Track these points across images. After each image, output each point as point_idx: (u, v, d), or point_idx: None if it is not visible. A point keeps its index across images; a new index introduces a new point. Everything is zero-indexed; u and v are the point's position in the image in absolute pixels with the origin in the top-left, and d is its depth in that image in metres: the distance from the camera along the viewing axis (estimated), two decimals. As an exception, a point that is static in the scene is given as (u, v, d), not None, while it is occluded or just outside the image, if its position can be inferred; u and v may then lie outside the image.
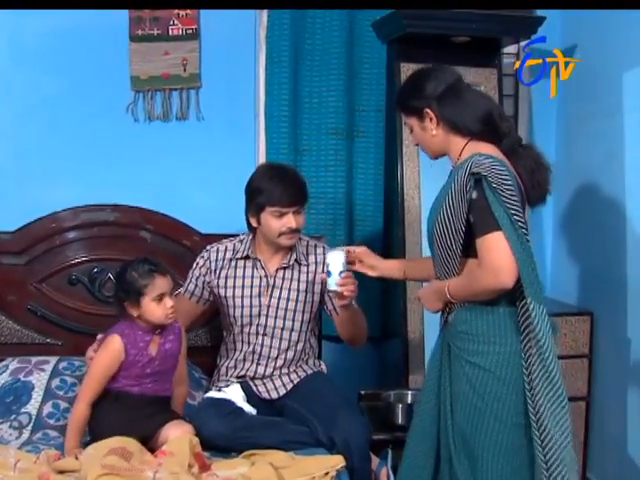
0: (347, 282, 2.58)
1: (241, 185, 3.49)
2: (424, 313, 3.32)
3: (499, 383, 2.27)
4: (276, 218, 2.78)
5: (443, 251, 2.33)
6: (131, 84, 3.51)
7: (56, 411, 2.81)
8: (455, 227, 2.26)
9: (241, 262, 2.93)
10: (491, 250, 2.18)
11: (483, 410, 2.28)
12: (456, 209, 2.25)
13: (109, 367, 2.58)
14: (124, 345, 2.57)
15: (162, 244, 3.25)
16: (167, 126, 3.54)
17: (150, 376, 2.60)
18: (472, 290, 2.27)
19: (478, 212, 2.21)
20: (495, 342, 2.28)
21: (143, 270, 2.59)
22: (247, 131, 3.60)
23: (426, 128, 2.38)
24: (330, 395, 2.78)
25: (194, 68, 3.54)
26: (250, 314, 2.89)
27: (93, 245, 3.22)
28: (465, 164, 2.26)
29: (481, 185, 2.20)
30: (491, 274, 2.18)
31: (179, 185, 3.52)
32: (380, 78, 3.58)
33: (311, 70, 3.57)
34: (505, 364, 2.27)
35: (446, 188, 2.33)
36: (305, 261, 2.92)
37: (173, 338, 2.67)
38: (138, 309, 2.58)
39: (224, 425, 2.60)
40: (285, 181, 2.81)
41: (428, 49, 3.32)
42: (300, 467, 2.46)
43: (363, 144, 3.60)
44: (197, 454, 2.46)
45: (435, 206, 2.37)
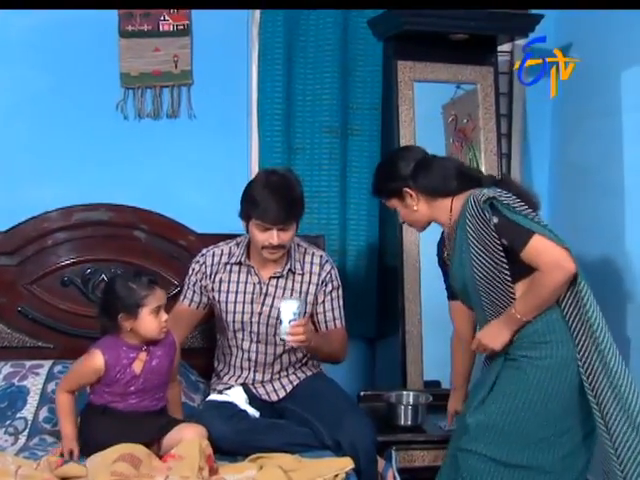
0: (294, 332, 2.57)
1: (233, 184, 3.46)
2: (422, 312, 3.32)
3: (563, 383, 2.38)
4: (260, 231, 2.74)
5: (493, 290, 2.40)
6: (121, 81, 3.45)
7: (53, 416, 2.75)
8: (495, 260, 2.36)
9: (235, 267, 2.89)
10: (540, 251, 2.31)
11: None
12: (487, 245, 2.35)
13: (84, 378, 2.56)
14: (105, 362, 2.51)
15: (157, 244, 3.20)
16: (158, 124, 3.48)
17: (134, 394, 2.55)
18: (544, 296, 2.34)
19: (507, 231, 2.33)
20: (560, 346, 2.37)
21: (142, 282, 2.54)
22: (239, 129, 3.55)
23: (408, 205, 2.54)
24: (332, 397, 2.76)
25: (185, 65, 3.49)
26: (242, 320, 2.85)
27: (86, 245, 3.15)
28: (467, 207, 2.36)
29: (495, 208, 2.33)
30: (554, 269, 2.30)
31: (170, 184, 3.46)
32: (374, 76, 3.56)
33: (305, 68, 3.53)
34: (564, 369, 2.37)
35: (461, 244, 2.41)
36: (300, 270, 2.88)
37: (162, 354, 2.60)
38: (134, 321, 2.52)
39: (228, 428, 2.57)
40: (276, 197, 2.72)
41: (425, 47, 3.34)
42: (309, 470, 2.43)
43: (357, 142, 3.58)
44: (208, 457, 2.43)
45: (461, 264, 2.44)
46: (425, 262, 3.33)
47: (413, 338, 3.29)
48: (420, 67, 3.38)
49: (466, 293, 2.49)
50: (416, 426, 2.98)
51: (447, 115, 3.64)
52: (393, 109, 3.36)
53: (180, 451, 2.41)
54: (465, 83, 3.46)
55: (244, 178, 3.49)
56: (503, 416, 2.38)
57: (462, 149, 3.66)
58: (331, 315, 2.90)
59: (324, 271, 2.89)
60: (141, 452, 2.40)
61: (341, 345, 2.92)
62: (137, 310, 2.50)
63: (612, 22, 3.16)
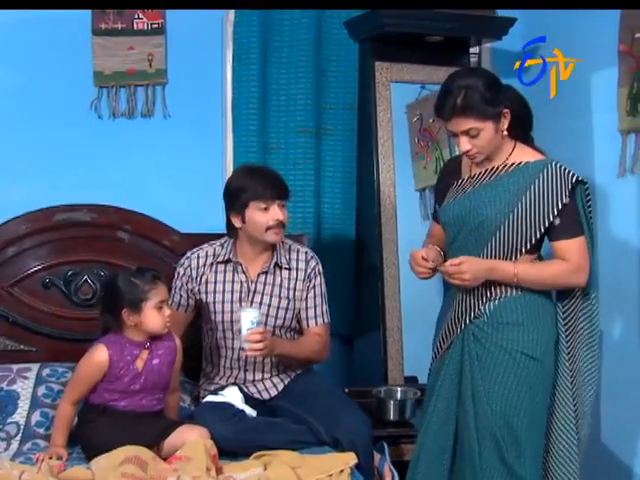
0: (251, 339, 2.62)
1: (208, 184, 3.53)
2: (402, 308, 3.41)
3: (544, 371, 2.49)
4: (262, 212, 2.80)
5: (505, 244, 2.47)
6: (94, 79, 3.43)
7: (45, 420, 2.74)
8: (535, 226, 2.45)
9: (221, 266, 2.92)
10: (580, 252, 2.45)
11: (530, 398, 2.46)
12: (541, 210, 2.43)
13: (91, 375, 2.56)
14: (109, 356, 2.54)
15: (141, 244, 3.20)
16: (132, 123, 3.48)
17: (136, 392, 2.58)
18: (549, 280, 2.48)
19: (567, 215, 2.43)
20: (540, 330, 2.48)
21: (145, 277, 2.57)
22: (214, 129, 3.57)
23: (499, 130, 2.47)
24: (327, 394, 2.81)
25: (160, 64, 3.48)
26: (231, 319, 2.88)
27: (68, 247, 3.13)
28: (552, 169, 2.44)
29: (574, 191, 2.43)
30: (577, 273, 2.46)
31: (144, 184, 3.45)
32: (348, 76, 3.63)
33: (279, 68, 3.57)
34: (547, 351, 2.49)
35: (511, 187, 2.46)
36: (287, 264, 2.93)
37: (163, 353, 2.63)
38: (137, 317, 2.55)
39: (229, 428, 2.59)
40: (267, 177, 2.87)
41: (401, 48, 3.42)
42: (313, 466, 2.48)
43: (331, 142, 3.64)
44: (213, 457, 2.46)
45: (495, 200, 2.48)
46: (404, 259, 3.41)
47: (393, 335, 3.37)
48: (397, 68, 3.47)
49: (479, 225, 2.50)
50: (405, 421, 3.06)
51: (412, 115, 3.72)
52: (371, 109, 3.43)
53: (186, 452, 2.43)
54: (438, 84, 3.52)
55: (219, 178, 3.55)
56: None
57: (428, 148, 3.75)
58: (313, 312, 2.95)
59: (309, 267, 2.95)
60: (146, 454, 2.42)
61: (318, 346, 2.94)
62: (141, 305, 2.53)
63: (580, 23, 3.28)
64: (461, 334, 2.55)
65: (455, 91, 2.45)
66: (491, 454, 2.47)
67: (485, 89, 2.43)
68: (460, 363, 2.55)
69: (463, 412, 2.53)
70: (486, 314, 2.50)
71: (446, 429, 2.57)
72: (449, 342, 2.59)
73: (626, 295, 3.09)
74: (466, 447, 2.52)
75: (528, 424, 2.46)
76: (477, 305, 2.51)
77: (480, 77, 2.49)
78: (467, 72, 2.61)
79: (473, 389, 2.50)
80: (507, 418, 2.45)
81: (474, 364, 2.50)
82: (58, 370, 2.91)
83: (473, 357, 2.51)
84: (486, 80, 2.47)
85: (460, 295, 2.57)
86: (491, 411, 2.46)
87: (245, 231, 2.86)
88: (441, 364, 2.62)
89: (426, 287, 3.60)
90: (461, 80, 2.48)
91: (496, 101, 2.44)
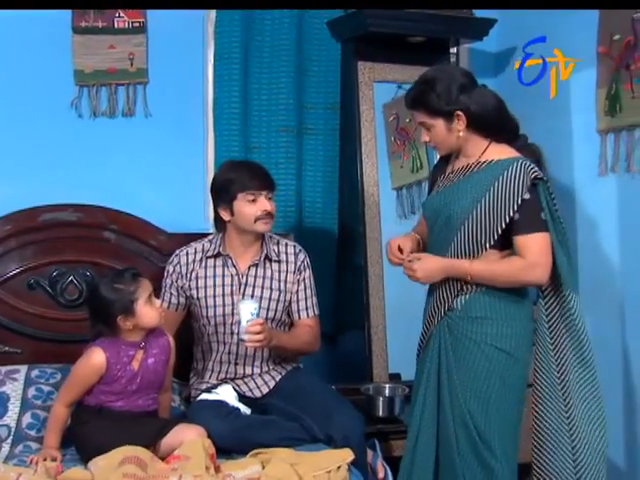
0: (252, 330, 2.65)
1: (190, 183, 3.56)
2: (386, 306, 3.46)
3: (516, 364, 2.55)
4: (250, 203, 2.85)
5: (469, 239, 2.52)
6: (75, 78, 3.42)
7: (36, 422, 2.74)
8: (496, 222, 2.48)
9: (211, 261, 2.96)
10: (537, 248, 2.47)
11: (499, 390, 2.52)
12: (502, 206, 2.47)
13: (87, 378, 2.57)
14: (106, 358, 2.55)
15: (127, 244, 3.20)
16: (113, 122, 3.47)
17: (133, 393, 2.60)
18: (502, 278, 2.52)
19: (527, 212, 2.46)
20: (511, 325, 2.54)
21: (126, 278, 2.59)
22: (196, 128, 3.59)
23: (452, 129, 2.54)
24: (319, 391, 2.86)
25: (141, 63, 3.49)
26: (223, 313, 2.92)
27: (53, 247, 3.12)
28: (514, 168, 2.47)
29: (536, 188, 2.47)
30: (531, 269, 2.48)
31: (126, 184, 3.44)
32: (329, 75, 3.68)
33: (260, 67, 3.60)
34: (520, 345, 2.55)
35: (479, 184, 2.52)
36: (276, 257, 2.99)
37: (157, 352, 2.66)
38: (133, 318, 2.56)
39: (225, 426, 2.63)
40: (252, 169, 2.95)
41: (384, 48, 3.48)
42: (311, 463, 2.51)
43: (312, 141, 3.68)
44: (212, 455, 2.49)
45: (464, 196, 2.54)
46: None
47: (378, 332, 3.43)
48: (379, 68, 3.53)
49: (447, 220, 2.58)
50: (394, 417, 3.12)
51: (388, 114, 3.78)
52: (354, 109, 3.48)
53: (184, 451, 2.46)
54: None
55: (200, 177, 3.58)
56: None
57: (405, 147, 3.81)
58: (304, 304, 3.01)
59: (299, 260, 3.01)
60: (145, 454, 2.43)
61: (310, 337, 3.01)
62: (133, 307, 2.54)
63: (559, 25, 3.36)
64: (437, 326, 2.63)
65: (415, 84, 2.61)
66: (466, 443, 2.55)
67: (440, 88, 2.51)
68: (438, 355, 2.62)
69: (442, 401, 2.60)
70: (458, 308, 2.58)
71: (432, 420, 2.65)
72: (429, 335, 2.67)
73: (606, 295, 3.18)
74: (444, 435, 2.60)
75: (498, 416, 2.53)
76: (450, 298, 2.59)
77: (445, 76, 2.56)
78: (438, 68, 2.69)
79: (449, 380, 2.58)
80: (477, 408, 2.52)
81: (449, 355, 2.58)
82: (47, 371, 2.91)
83: (448, 349, 2.59)
84: (449, 80, 2.53)
85: (436, 289, 2.65)
86: (464, 400, 2.54)
87: (234, 224, 2.90)
88: (424, 356, 2.70)
89: (409, 285, 3.71)
90: (426, 75, 2.61)
91: (449, 101, 2.51)
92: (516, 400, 2.59)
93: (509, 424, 2.58)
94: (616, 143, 3.13)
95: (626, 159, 3.09)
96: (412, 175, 3.86)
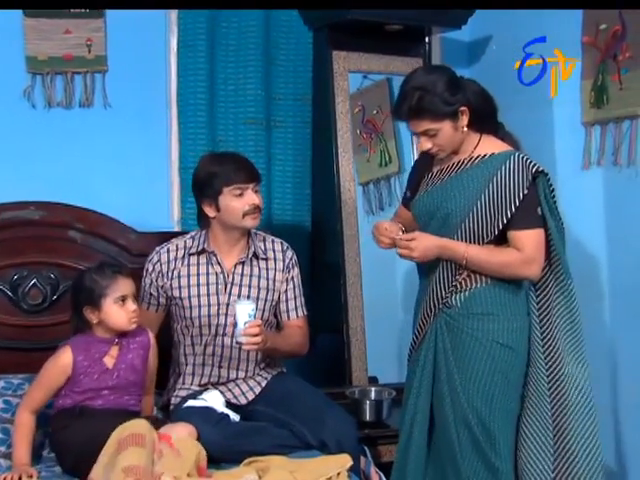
0: (250, 332, 2.65)
1: (152, 178, 3.51)
2: (364, 307, 3.47)
3: (518, 359, 2.60)
4: (237, 198, 2.82)
5: (470, 237, 2.57)
6: (27, 65, 3.33)
7: (6, 437, 2.64)
8: (497, 218, 2.53)
9: (194, 258, 2.91)
10: (533, 244, 2.54)
11: (502, 387, 2.57)
12: (502, 202, 2.52)
13: (52, 378, 2.57)
14: (73, 356, 2.54)
15: (94, 244, 3.13)
16: (69, 114, 3.39)
17: (110, 389, 2.58)
18: (499, 268, 2.57)
19: (525, 207, 2.52)
20: (511, 319, 2.59)
21: (104, 272, 2.60)
22: (159, 120, 3.52)
23: (458, 127, 2.57)
24: (307, 396, 2.83)
25: (100, 50, 3.41)
26: (208, 314, 2.87)
27: (14, 248, 3.03)
28: (512, 162, 2.52)
29: (535, 182, 2.52)
30: (527, 264, 2.55)
31: (83, 179, 3.36)
32: (298, 65, 3.65)
33: (226, 56, 3.55)
34: (521, 339, 2.61)
35: (475, 180, 2.57)
36: (263, 254, 2.95)
37: (136, 347, 2.66)
38: (99, 314, 2.56)
39: (217, 433, 2.58)
40: (237, 161, 2.90)
41: (359, 37, 3.48)
42: (309, 470, 2.49)
43: (282, 134, 3.65)
44: (200, 467, 2.44)
45: (461, 194, 2.58)
46: (366, 256, 3.49)
47: (357, 334, 3.43)
48: (354, 57, 3.53)
49: (445, 218, 2.61)
50: (381, 421, 3.12)
51: (353, 106, 3.79)
52: (329, 101, 3.47)
53: (179, 445, 2.42)
54: (396, 74, 3.63)
55: (164, 172, 3.54)
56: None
57: (372, 141, 3.83)
58: (293, 304, 2.99)
59: (287, 257, 2.99)
60: (139, 426, 2.40)
61: (301, 338, 3.00)
62: (100, 301, 2.55)
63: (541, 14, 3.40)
64: (433, 325, 2.65)
65: (409, 93, 2.56)
66: (468, 444, 2.57)
67: (440, 89, 2.54)
68: (434, 353, 2.64)
69: (439, 402, 2.62)
70: (457, 305, 2.61)
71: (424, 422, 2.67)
72: (423, 333, 2.69)
73: (592, 290, 3.26)
74: (443, 437, 2.62)
75: (502, 413, 2.58)
76: (448, 296, 2.62)
77: (436, 77, 2.58)
78: (422, 72, 2.67)
79: (448, 377, 2.60)
80: (481, 407, 2.55)
81: (448, 353, 2.61)
82: (13, 382, 2.81)
83: (447, 347, 2.61)
84: (442, 79, 2.56)
85: (431, 286, 2.67)
86: (467, 400, 2.56)
87: (220, 220, 2.86)
88: (417, 356, 2.71)
89: (386, 284, 3.75)
90: (416, 81, 2.59)
91: (452, 100, 2.54)
92: (517, 396, 2.63)
93: (511, 421, 2.62)
94: (602, 136, 3.20)
95: (613, 152, 3.15)
96: (380, 169, 3.87)
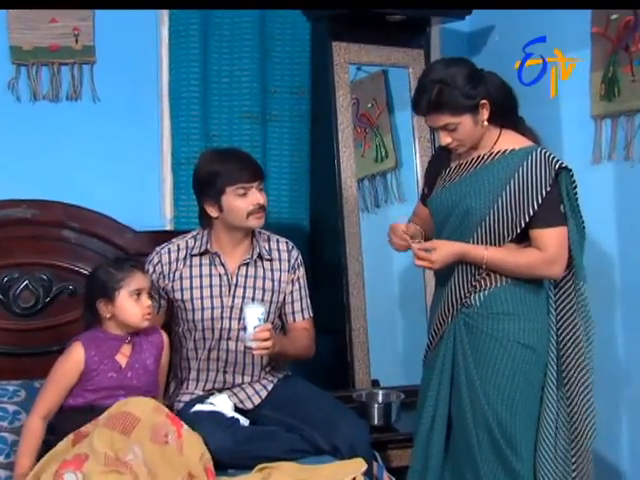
0: (259, 337, 2.63)
1: (143, 175, 3.47)
2: (367, 308, 3.46)
3: (539, 359, 2.61)
4: (240, 197, 2.79)
5: (490, 234, 2.56)
6: (11, 56, 3.29)
7: (4, 446, 2.59)
8: (519, 216, 2.54)
9: (197, 259, 2.88)
10: (556, 243, 2.55)
11: (524, 388, 2.58)
12: (525, 199, 2.53)
13: (66, 375, 2.54)
14: (85, 352, 2.53)
15: (89, 244, 3.09)
16: (56, 107, 3.36)
17: (123, 389, 2.55)
18: (520, 269, 2.57)
19: (547, 204, 2.52)
20: (532, 319, 2.60)
21: (121, 265, 2.60)
22: (149, 114, 3.49)
23: (478, 121, 2.57)
24: (317, 399, 2.82)
25: (88, 40, 3.36)
26: (212, 317, 2.84)
27: (5, 248, 2.99)
28: (535, 156, 2.54)
29: (557, 179, 2.53)
30: (550, 264, 2.56)
31: (71, 176, 3.32)
32: (294, 57, 3.62)
33: (220, 47, 3.52)
34: (542, 339, 2.62)
35: (496, 178, 2.57)
36: (268, 255, 2.93)
37: (148, 347, 2.65)
38: (112, 307, 2.55)
39: (228, 439, 2.56)
40: (240, 159, 2.87)
41: (359, 28, 3.47)
42: (324, 476, 2.49)
43: (277, 129, 3.62)
44: (208, 469, 2.43)
45: (481, 192, 2.58)
46: (368, 255, 3.48)
47: (359, 336, 3.41)
48: (355, 49, 3.51)
49: (464, 215, 2.61)
50: (390, 425, 3.11)
51: (348, 99, 3.79)
52: (329, 94, 3.44)
53: (186, 438, 2.42)
54: (397, 66, 3.63)
55: (155, 168, 3.51)
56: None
57: (366, 135, 3.81)
58: (299, 306, 2.98)
59: (292, 257, 2.97)
60: (142, 407, 2.39)
61: (308, 341, 2.98)
62: (114, 294, 2.53)
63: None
64: (452, 325, 2.64)
65: (429, 87, 2.56)
66: (489, 448, 2.57)
67: (460, 83, 2.54)
68: (453, 354, 2.64)
69: (459, 405, 2.62)
70: (476, 304, 2.61)
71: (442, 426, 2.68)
72: (440, 334, 2.68)
73: (603, 287, 3.28)
74: (462, 440, 2.62)
75: (523, 416, 2.58)
76: (467, 296, 2.62)
77: (456, 70, 2.57)
78: (442, 65, 2.66)
79: (468, 379, 2.60)
80: (502, 409, 2.55)
81: (467, 354, 2.60)
82: (8, 389, 2.76)
83: (466, 347, 2.61)
84: (462, 72, 2.56)
85: (449, 286, 2.66)
86: (487, 402, 2.56)
87: (223, 220, 2.83)
88: (435, 357, 2.70)
89: (388, 284, 3.75)
90: (435, 74, 2.58)
91: (472, 94, 2.54)
92: (538, 397, 2.63)
93: (532, 423, 2.62)
94: (613, 129, 3.21)
95: (625, 146, 3.16)
96: (376, 165, 3.87)
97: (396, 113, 3.86)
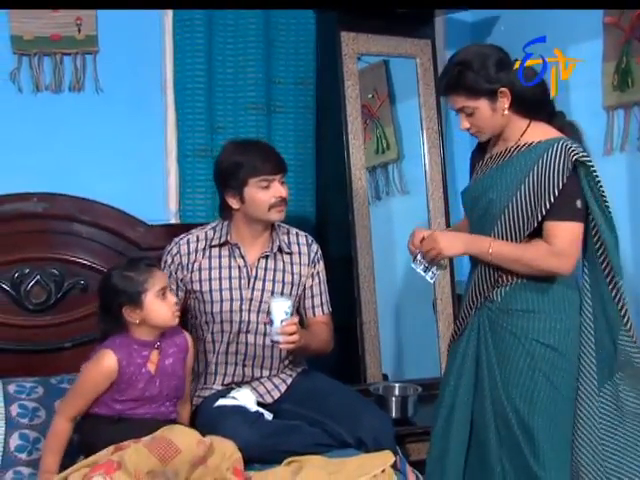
0: (286, 331, 2.72)
1: (147, 168, 3.54)
2: (377, 303, 3.57)
3: (563, 360, 2.63)
4: (263, 189, 2.88)
5: (510, 228, 2.62)
6: (12, 46, 3.34)
7: (26, 443, 2.66)
8: (536, 209, 2.57)
9: (216, 251, 2.96)
10: (565, 237, 2.58)
11: (545, 389, 2.61)
12: (542, 191, 2.56)
13: (97, 384, 2.55)
14: (118, 361, 2.53)
15: (101, 238, 3.15)
16: (58, 98, 3.42)
17: (154, 399, 2.59)
18: (526, 261, 2.60)
19: (563, 198, 2.55)
20: (557, 318, 2.63)
21: (138, 267, 2.60)
22: (153, 105, 3.56)
23: (497, 109, 2.63)
24: (339, 393, 2.91)
25: (90, 29, 3.43)
26: (230, 309, 2.93)
27: (15, 243, 3.04)
28: (555, 148, 2.57)
29: (576, 171, 2.57)
30: (556, 257, 2.58)
31: (73, 169, 3.38)
32: (299, 47, 3.71)
33: (225, 37, 3.61)
34: (566, 339, 2.64)
35: (517, 170, 2.62)
36: (288, 248, 3.02)
37: (175, 351, 2.67)
38: (141, 312, 2.55)
39: (255, 433, 2.63)
40: (263, 150, 2.96)
41: (367, 18, 3.56)
42: (352, 469, 2.55)
43: (282, 120, 3.71)
44: (236, 469, 2.49)
45: (501, 184, 2.65)
46: (378, 247, 3.59)
47: (370, 329, 3.51)
48: (362, 39, 3.61)
49: (486, 208, 2.68)
50: (407, 419, 3.22)
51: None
52: (339, 84, 3.53)
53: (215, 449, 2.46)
54: (404, 56, 3.75)
55: (159, 160, 3.58)
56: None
57: (367, 126, 3.88)
58: (319, 300, 3.07)
59: (312, 251, 3.06)
60: (183, 439, 2.40)
61: (328, 336, 3.07)
62: (140, 298, 2.54)
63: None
64: (476, 318, 2.71)
65: (451, 68, 2.65)
66: (509, 448, 2.63)
67: (480, 66, 2.60)
68: (477, 347, 2.71)
69: (480, 397, 2.69)
70: (497, 299, 2.67)
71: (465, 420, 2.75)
72: (465, 325, 2.75)
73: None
74: (483, 434, 2.68)
75: (545, 417, 2.60)
76: (489, 290, 2.68)
77: (482, 54, 2.64)
78: (470, 49, 2.73)
79: (490, 375, 2.66)
80: (521, 405, 2.60)
81: (490, 348, 2.67)
82: (25, 386, 2.82)
83: (489, 341, 2.67)
84: (488, 57, 2.63)
85: (474, 278, 2.73)
86: (507, 398, 2.62)
87: (244, 212, 2.91)
88: (456, 348, 2.78)
89: (399, 278, 3.86)
90: (459, 57, 2.66)
91: (491, 78, 2.60)
92: (565, 400, 2.64)
93: (558, 428, 2.63)
94: (626, 120, 3.33)
95: (638, 137, 3.26)
96: (376, 157, 3.96)
97: (402, 104, 3.97)
